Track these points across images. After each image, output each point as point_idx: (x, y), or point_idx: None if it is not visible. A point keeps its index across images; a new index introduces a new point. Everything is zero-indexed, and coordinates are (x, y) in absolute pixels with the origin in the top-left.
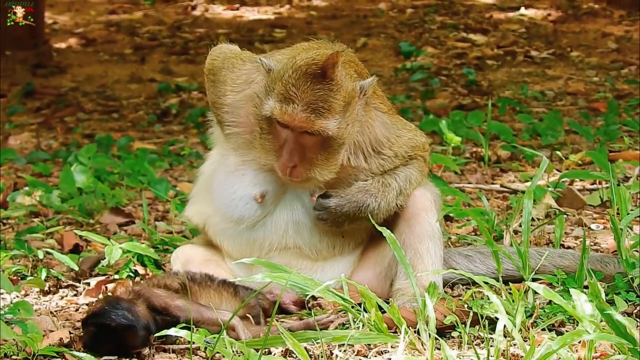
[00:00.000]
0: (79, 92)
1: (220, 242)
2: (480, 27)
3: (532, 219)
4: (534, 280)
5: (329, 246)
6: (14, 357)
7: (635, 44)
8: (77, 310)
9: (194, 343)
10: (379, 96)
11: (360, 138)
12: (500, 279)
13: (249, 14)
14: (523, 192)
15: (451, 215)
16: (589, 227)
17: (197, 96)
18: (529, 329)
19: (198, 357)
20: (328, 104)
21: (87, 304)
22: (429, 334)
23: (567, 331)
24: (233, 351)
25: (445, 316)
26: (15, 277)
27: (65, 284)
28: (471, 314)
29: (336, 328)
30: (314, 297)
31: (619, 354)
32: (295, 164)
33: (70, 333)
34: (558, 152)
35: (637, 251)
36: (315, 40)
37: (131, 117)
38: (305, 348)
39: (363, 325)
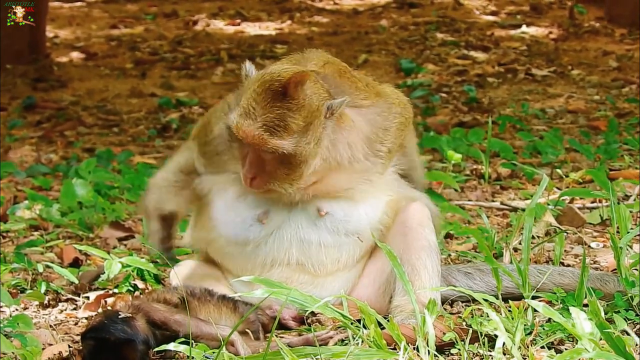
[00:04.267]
0: (80, 106)
1: (221, 261)
2: (482, 45)
3: (532, 237)
4: (533, 298)
5: (334, 260)
6: None
7: (636, 62)
8: (76, 324)
9: (193, 358)
10: (360, 88)
11: (353, 140)
12: (500, 296)
13: (250, 29)
14: (523, 209)
15: (451, 232)
16: (589, 245)
17: (198, 111)
18: (528, 347)
19: None
20: (284, 123)
21: (86, 318)
22: (428, 350)
23: (566, 349)
24: None
25: (444, 333)
26: (14, 291)
27: (65, 297)
28: (470, 331)
29: (335, 344)
30: (313, 313)
31: None
32: (253, 176)
33: (69, 347)
34: (558, 170)
35: (636, 270)
36: (312, 50)
37: (132, 132)
38: None
39: (362, 342)
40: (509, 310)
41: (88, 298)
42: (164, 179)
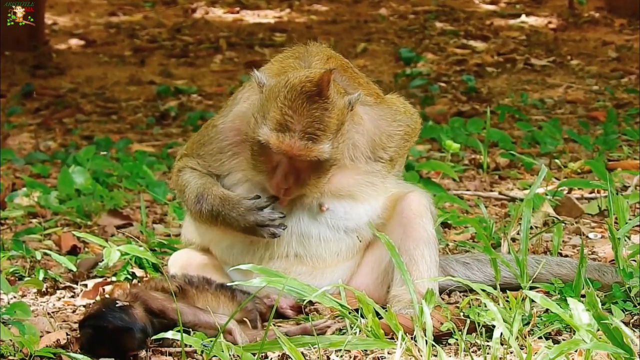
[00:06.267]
0: (78, 93)
1: (220, 255)
2: (481, 34)
3: (530, 227)
4: (531, 288)
5: (333, 254)
6: (10, 357)
7: (635, 53)
8: (74, 311)
9: (190, 346)
10: (362, 84)
11: (359, 139)
12: (498, 286)
13: (249, 17)
14: (521, 199)
15: (449, 222)
16: (587, 236)
17: (196, 99)
18: (525, 337)
19: None
20: (324, 125)
21: (84, 306)
22: (426, 340)
23: (563, 340)
24: (230, 355)
25: (442, 323)
26: (12, 278)
27: (63, 285)
28: (468, 321)
29: (333, 333)
30: (311, 302)
31: None
32: (288, 187)
33: (67, 335)
34: (557, 161)
35: (634, 261)
36: (314, 44)
37: (130, 119)
38: (302, 353)
39: (360, 331)
40: (507, 301)
41: (86, 286)
42: (199, 184)
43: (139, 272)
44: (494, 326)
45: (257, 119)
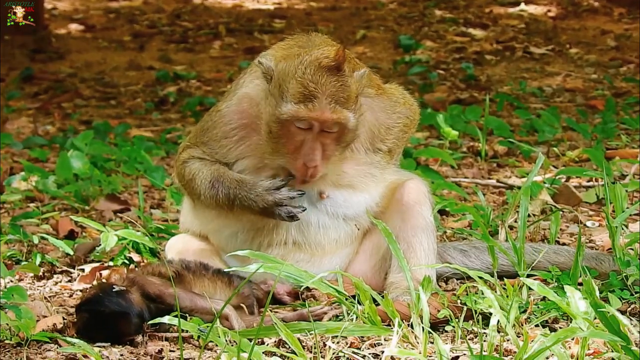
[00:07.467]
0: (77, 78)
1: (218, 243)
2: (480, 22)
3: (528, 215)
4: (528, 276)
5: (332, 241)
6: (7, 341)
7: (634, 42)
8: (71, 296)
9: (187, 332)
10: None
11: (359, 131)
12: (495, 274)
13: (249, 3)
14: (519, 187)
15: (447, 209)
16: (585, 224)
17: (195, 85)
18: (522, 325)
19: (191, 345)
20: (346, 94)
21: (81, 290)
22: (423, 327)
23: (560, 328)
24: (226, 340)
25: (438, 310)
26: (9, 262)
27: (60, 269)
28: (465, 308)
29: (330, 320)
30: (308, 289)
31: (612, 351)
32: (316, 164)
33: (63, 319)
34: (555, 149)
35: (632, 249)
36: (312, 33)
37: (129, 105)
38: (299, 339)
39: (357, 318)
40: (504, 289)
41: (83, 270)
42: (212, 170)
43: (136, 257)
44: (490, 314)
45: (276, 99)
